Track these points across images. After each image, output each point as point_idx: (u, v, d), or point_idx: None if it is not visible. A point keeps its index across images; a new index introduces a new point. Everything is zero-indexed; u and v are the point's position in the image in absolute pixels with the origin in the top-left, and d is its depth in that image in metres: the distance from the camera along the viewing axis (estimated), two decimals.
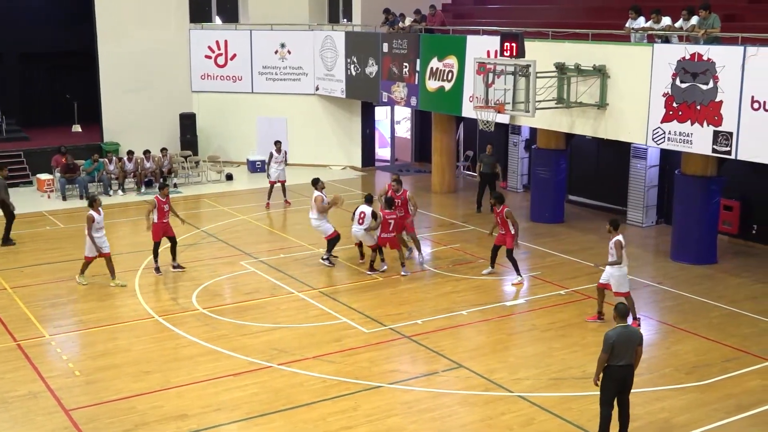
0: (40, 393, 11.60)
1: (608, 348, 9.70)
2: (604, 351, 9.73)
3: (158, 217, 16.78)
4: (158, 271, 16.88)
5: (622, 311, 9.97)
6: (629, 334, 9.86)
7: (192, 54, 28.46)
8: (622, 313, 9.96)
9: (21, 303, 15.25)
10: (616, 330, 9.81)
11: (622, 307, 10.02)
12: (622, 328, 9.84)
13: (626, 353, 9.80)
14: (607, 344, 9.71)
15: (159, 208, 16.77)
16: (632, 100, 17.03)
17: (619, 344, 9.72)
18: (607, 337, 9.74)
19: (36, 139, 27.96)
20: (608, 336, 9.74)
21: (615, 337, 9.73)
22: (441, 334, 13.69)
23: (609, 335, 9.75)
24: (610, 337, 9.73)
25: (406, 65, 23.70)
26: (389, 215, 16.60)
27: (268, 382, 11.94)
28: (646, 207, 20.51)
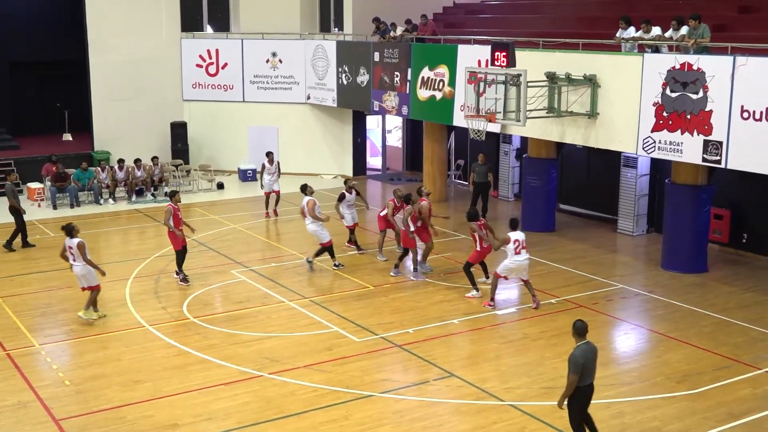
0: (29, 403, 11.54)
1: (579, 369, 9.42)
2: (575, 373, 9.42)
3: (175, 224, 16.46)
4: (185, 280, 16.71)
5: (581, 329, 9.63)
6: (593, 352, 9.63)
7: (183, 63, 28.45)
8: (581, 331, 9.62)
9: (11, 312, 15.18)
10: (581, 349, 9.54)
11: (580, 324, 9.67)
12: (585, 346, 9.58)
13: (592, 371, 9.63)
14: (578, 366, 9.42)
15: (175, 215, 16.46)
16: (623, 110, 17.09)
17: (587, 364, 9.50)
18: (576, 359, 9.44)
19: (26, 147, 27.88)
20: (576, 357, 9.44)
21: (583, 357, 9.46)
22: (432, 343, 13.68)
23: (577, 356, 9.45)
24: (579, 357, 9.44)
25: (398, 74, 23.74)
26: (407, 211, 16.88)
27: (260, 391, 11.91)
28: (637, 216, 20.56)
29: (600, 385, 11.95)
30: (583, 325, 9.64)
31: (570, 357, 9.47)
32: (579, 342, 9.59)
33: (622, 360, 13.26)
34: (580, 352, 9.47)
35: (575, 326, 9.64)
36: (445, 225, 20.08)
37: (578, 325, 9.64)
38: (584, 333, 9.62)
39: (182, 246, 16.62)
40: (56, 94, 30.60)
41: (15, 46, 30.27)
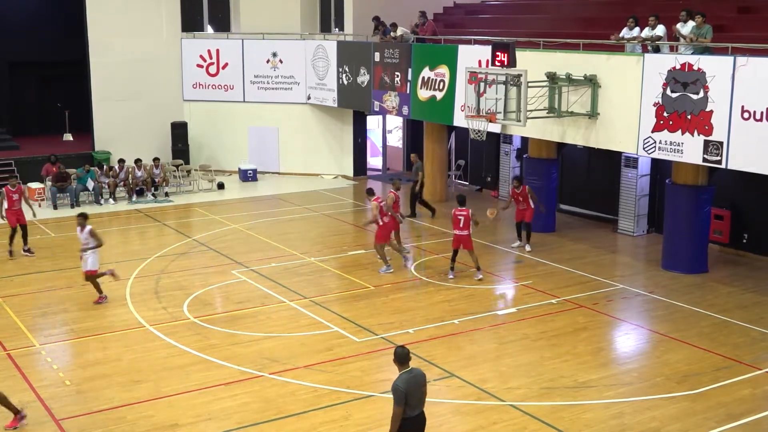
0: (30, 403, 11.53)
1: (402, 400, 8.52)
2: (399, 404, 8.53)
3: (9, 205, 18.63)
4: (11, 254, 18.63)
5: (403, 356, 8.73)
6: (416, 378, 8.74)
7: (184, 63, 28.46)
8: (402, 359, 8.73)
9: (11, 312, 15.18)
10: (403, 378, 8.62)
11: (401, 351, 8.77)
12: (408, 375, 8.67)
13: (419, 400, 8.76)
14: (401, 396, 8.52)
15: (8, 197, 18.59)
16: (623, 110, 17.08)
17: (411, 393, 8.61)
18: (398, 389, 8.54)
19: (27, 148, 27.91)
20: (398, 387, 8.54)
21: (405, 386, 8.56)
22: (433, 343, 13.67)
23: (399, 386, 8.55)
24: (401, 387, 8.54)
25: (398, 74, 23.73)
26: (460, 212, 16.91)
27: (260, 391, 11.90)
28: (637, 216, 20.56)
29: (600, 386, 12.01)
30: (404, 352, 8.75)
31: (392, 388, 8.61)
32: (402, 370, 8.70)
33: (622, 360, 13.26)
34: (401, 381, 8.58)
35: (396, 354, 8.74)
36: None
37: (399, 353, 8.74)
38: (406, 360, 8.73)
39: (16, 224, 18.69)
40: (56, 94, 30.63)
41: (15, 46, 30.29)
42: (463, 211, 16.91)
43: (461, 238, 16.97)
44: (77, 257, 18.50)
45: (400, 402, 8.55)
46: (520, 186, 19.17)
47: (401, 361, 8.73)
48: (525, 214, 19.04)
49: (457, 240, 17.02)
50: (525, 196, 18.94)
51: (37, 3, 31.01)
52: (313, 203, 24.24)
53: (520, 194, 18.97)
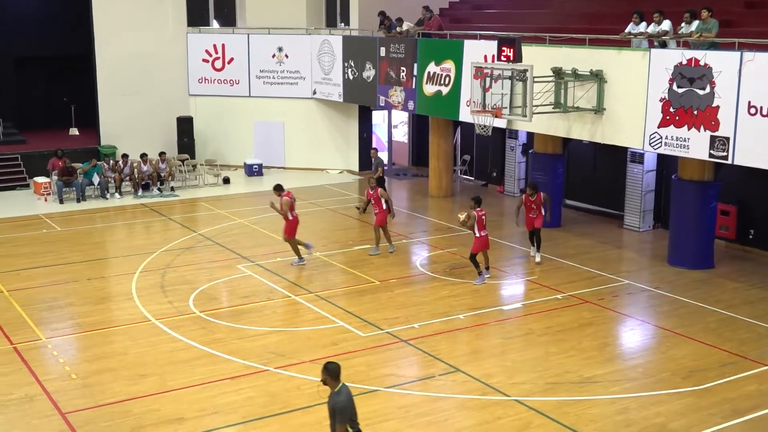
0: (36, 396, 11.58)
1: (347, 417, 8.20)
2: (345, 422, 8.17)
3: None
4: None
5: (336, 371, 8.23)
6: (350, 392, 8.34)
7: (189, 58, 28.45)
8: (336, 374, 8.23)
9: (17, 306, 15.23)
10: (345, 393, 8.23)
11: (334, 367, 8.25)
12: (345, 389, 8.28)
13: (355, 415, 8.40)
14: (346, 413, 8.16)
15: None
16: (629, 105, 17.05)
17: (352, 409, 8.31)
18: (347, 407, 8.15)
19: (33, 142, 27.94)
20: (344, 404, 8.15)
21: (348, 402, 8.22)
22: (438, 338, 13.68)
23: (344, 403, 8.15)
24: (346, 403, 8.17)
25: (404, 69, 23.72)
26: (482, 213, 16.48)
27: (265, 385, 11.92)
28: (643, 211, 20.52)
29: (605, 381, 12.01)
30: (338, 367, 8.24)
31: (337, 405, 8.15)
32: (337, 386, 8.23)
33: (628, 356, 13.25)
34: (345, 397, 8.18)
35: (330, 369, 8.20)
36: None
37: (333, 368, 8.21)
38: (339, 376, 8.25)
39: None
40: (62, 89, 30.65)
41: (21, 42, 30.32)
42: (483, 212, 16.63)
43: (485, 239, 16.53)
44: (83, 251, 18.60)
45: (346, 420, 8.17)
46: (535, 194, 17.74)
47: (335, 376, 8.21)
48: (536, 221, 17.85)
49: (485, 242, 16.54)
50: (539, 205, 17.77)
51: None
52: (319, 198, 24.25)
53: (534, 202, 17.77)
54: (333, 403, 8.27)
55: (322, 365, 8.31)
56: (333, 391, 8.30)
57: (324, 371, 8.26)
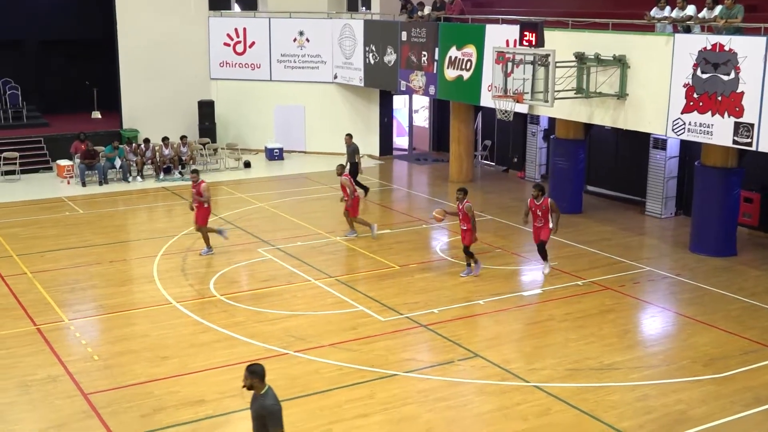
0: (59, 377, 11.71)
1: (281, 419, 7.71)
2: (280, 425, 7.67)
3: None
4: None
5: (262, 372, 7.76)
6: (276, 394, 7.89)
7: (211, 41, 28.50)
8: (263, 375, 7.76)
9: (41, 287, 15.38)
10: (273, 396, 7.77)
11: (261, 368, 7.78)
12: (273, 392, 7.81)
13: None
14: (279, 416, 7.70)
15: None
16: (652, 91, 16.90)
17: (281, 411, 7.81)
18: (278, 409, 7.70)
19: (56, 125, 28.14)
20: (276, 407, 7.70)
21: (279, 404, 7.76)
22: (458, 324, 13.68)
23: (276, 406, 7.71)
24: (277, 405, 7.72)
25: (425, 54, 23.63)
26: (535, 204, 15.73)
27: (285, 369, 11.98)
28: (665, 198, 20.39)
29: (626, 368, 11.97)
30: (263, 369, 7.79)
31: (265, 409, 7.67)
32: (264, 388, 7.77)
33: (649, 343, 13.20)
34: (274, 400, 7.72)
35: (256, 371, 7.72)
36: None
37: (259, 370, 7.74)
38: (265, 377, 7.82)
39: None
40: (85, 73, 30.80)
41: (45, 25, 30.47)
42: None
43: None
44: (106, 234, 18.74)
45: (279, 424, 7.67)
46: (540, 197, 15.68)
47: (262, 378, 7.75)
48: (542, 232, 15.83)
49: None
50: (545, 211, 15.64)
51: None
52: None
53: (540, 207, 15.67)
54: (258, 407, 7.76)
55: (246, 367, 7.79)
56: (258, 394, 7.79)
57: (250, 374, 7.72)
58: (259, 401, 7.78)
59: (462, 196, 15.73)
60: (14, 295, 14.96)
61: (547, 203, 15.61)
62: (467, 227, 15.67)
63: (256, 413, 7.80)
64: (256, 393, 7.82)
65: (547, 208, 15.62)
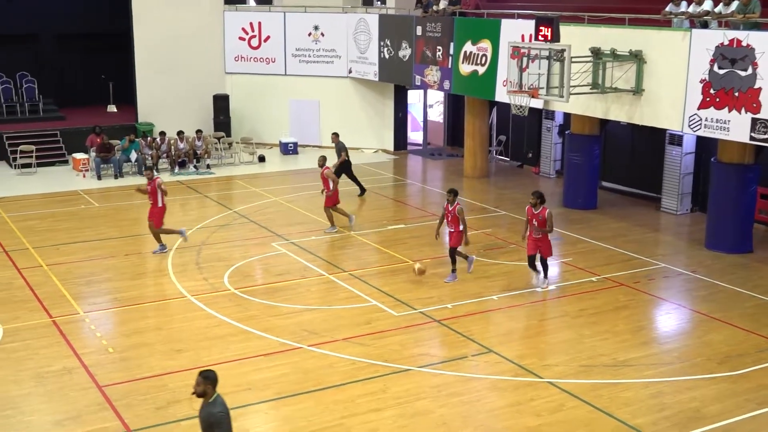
0: (74, 369, 11.77)
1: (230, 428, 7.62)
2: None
3: None
4: None
5: (216, 379, 7.68)
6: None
7: (226, 36, 28.55)
8: (216, 381, 7.66)
9: (56, 280, 15.47)
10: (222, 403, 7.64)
11: (214, 374, 7.69)
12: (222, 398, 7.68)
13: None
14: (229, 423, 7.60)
15: None
16: (669, 86, 16.81)
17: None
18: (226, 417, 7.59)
19: (72, 118, 28.26)
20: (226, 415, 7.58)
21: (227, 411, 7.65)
22: (471, 319, 13.67)
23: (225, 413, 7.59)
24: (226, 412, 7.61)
25: (440, 49, 23.58)
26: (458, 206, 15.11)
27: (299, 362, 12.01)
28: (681, 194, 20.28)
29: (640, 365, 11.93)
30: (216, 375, 7.69)
31: (214, 417, 7.55)
32: (213, 395, 7.64)
33: (663, 340, 13.15)
34: (223, 408, 7.61)
35: (210, 378, 7.60)
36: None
37: (213, 376, 7.64)
38: (217, 383, 7.71)
39: None
40: (101, 67, 30.90)
41: (61, 19, 30.57)
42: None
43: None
44: (121, 227, 18.83)
45: (229, 431, 7.59)
46: (539, 205, 14.46)
47: (215, 385, 7.65)
48: (541, 245, 14.65)
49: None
50: (543, 222, 14.41)
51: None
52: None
53: (537, 216, 14.46)
54: (207, 414, 7.61)
55: (198, 374, 7.66)
56: (207, 401, 7.64)
57: (203, 380, 7.59)
58: (207, 409, 7.65)
59: (452, 198, 15.09)
60: (30, 288, 15.06)
61: (544, 214, 14.40)
62: (455, 229, 15.15)
63: (205, 421, 7.66)
64: (206, 400, 7.66)
65: (543, 220, 14.41)
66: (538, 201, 14.45)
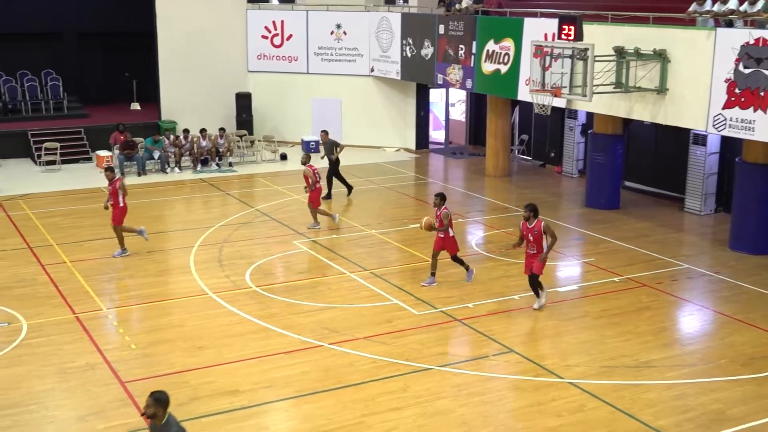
0: (97, 365, 11.86)
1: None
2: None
3: None
4: None
5: (168, 400, 7.50)
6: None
7: (249, 34, 28.64)
8: (168, 402, 7.49)
9: (80, 277, 15.59)
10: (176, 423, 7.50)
11: (166, 396, 7.52)
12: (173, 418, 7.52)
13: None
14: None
15: None
16: (693, 86, 16.66)
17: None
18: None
19: (96, 116, 28.48)
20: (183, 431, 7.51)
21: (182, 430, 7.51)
22: (492, 318, 13.64)
23: (183, 430, 7.50)
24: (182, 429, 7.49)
25: (462, 47, 23.53)
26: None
27: (319, 361, 12.03)
28: (705, 195, 20.12)
29: (662, 366, 11.85)
30: (168, 397, 7.51)
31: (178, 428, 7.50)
32: (165, 417, 7.45)
33: (686, 341, 13.05)
34: (178, 426, 7.49)
35: (161, 399, 7.42)
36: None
37: (164, 398, 7.45)
38: (168, 405, 7.52)
39: None
40: (125, 65, 31.12)
41: (85, 17, 30.81)
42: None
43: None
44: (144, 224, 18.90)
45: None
46: (533, 219, 13.42)
47: (166, 406, 7.46)
48: (533, 263, 13.55)
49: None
50: (538, 236, 13.39)
51: None
52: (375, 176, 24.29)
53: (532, 230, 13.45)
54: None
55: (150, 395, 7.51)
56: (158, 424, 7.43)
57: (154, 402, 7.41)
58: (160, 430, 7.46)
59: (439, 202, 14.75)
60: (54, 284, 15.20)
61: (539, 227, 13.42)
62: (444, 234, 14.84)
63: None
64: (157, 422, 7.45)
65: (540, 233, 13.43)
66: (532, 214, 13.37)
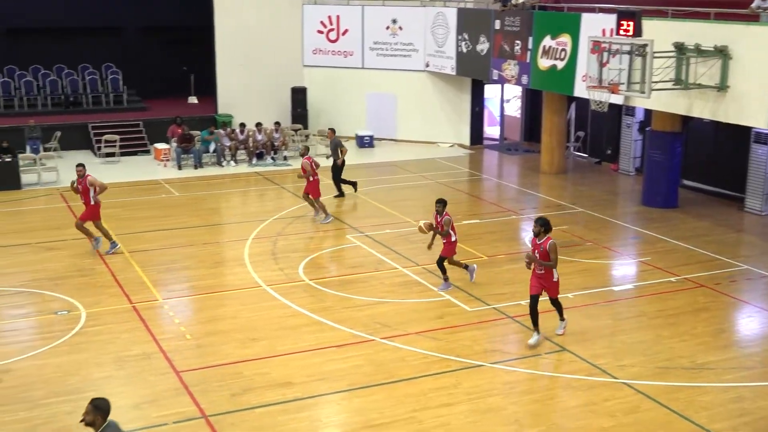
0: (153, 354, 12.07)
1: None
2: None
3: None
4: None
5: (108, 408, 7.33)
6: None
7: (304, 29, 28.81)
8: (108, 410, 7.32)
9: (137, 267, 15.86)
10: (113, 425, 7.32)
11: (106, 403, 7.34)
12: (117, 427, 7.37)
13: None
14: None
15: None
16: (755, 83, 16.30)
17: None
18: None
19: (154, 109, 28.95)
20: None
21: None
22: (545, 317, 13.47)
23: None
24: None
25: (518, 43, 23.35)
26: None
27: (371, 355, 12.07)
28: (766, 194, 19.67)
29: (719, 368, 11.64)
30: (108, 404, 7.33)
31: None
32: (104, 424, 7.27)
33: (744, 343, 12.79)
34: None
35: (101, 407, 7.26)
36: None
37: (104, 405, 7.30)
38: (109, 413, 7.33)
39: None
40: (183, 59, 31.55)
41: (145, 12, 31.33)
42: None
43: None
44: (200, 217, 19.18)
45: None
46: (543, 235, 12.11)
47: (106, 414, 7.27)
48: (545, 283, 12.33)
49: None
50: (544, 254, 12.02)
51: None
52: (429, 171, 24.25)
53: (539, 247, 12.13)
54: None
55: (89, 402, 7.33)
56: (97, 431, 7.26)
57: (93, 409, 7.23)
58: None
59: (440, 208, 14.43)
60: (112, 274, 15.49)
61: (546, 246, 12.05)
62: (446, 240, 14.54)
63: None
64: (95, 430, 7.29)
65: (545, 252, 12.05)
66: (542, 230, 12.12)
